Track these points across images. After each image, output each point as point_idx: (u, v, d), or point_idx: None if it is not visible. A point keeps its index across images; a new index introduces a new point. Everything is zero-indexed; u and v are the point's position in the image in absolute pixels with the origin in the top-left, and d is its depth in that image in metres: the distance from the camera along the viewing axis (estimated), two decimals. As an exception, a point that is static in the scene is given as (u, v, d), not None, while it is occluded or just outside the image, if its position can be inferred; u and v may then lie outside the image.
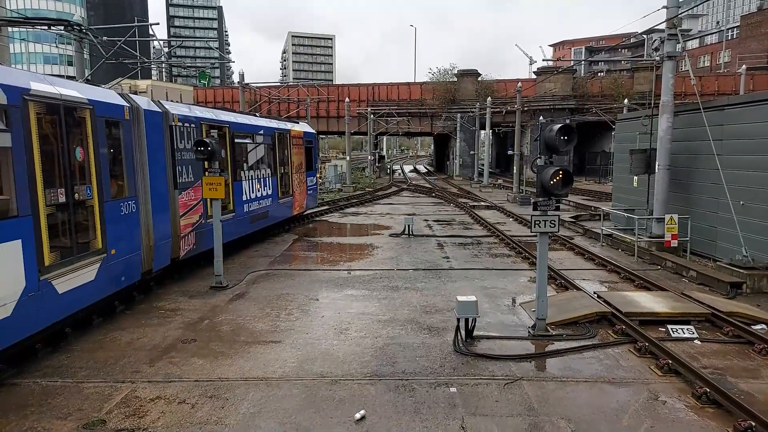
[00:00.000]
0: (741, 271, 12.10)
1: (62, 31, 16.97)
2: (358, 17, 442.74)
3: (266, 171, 17.97)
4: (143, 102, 11.47)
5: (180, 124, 12.70)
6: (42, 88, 8.07)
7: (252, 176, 16.73)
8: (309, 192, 23.20)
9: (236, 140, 15.72)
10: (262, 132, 17.79)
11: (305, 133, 22.84)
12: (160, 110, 11.98)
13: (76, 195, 8.71)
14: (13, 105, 7.32)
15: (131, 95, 11.49)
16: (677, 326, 9.12)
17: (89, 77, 16.67)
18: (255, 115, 19.61)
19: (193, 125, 13.31)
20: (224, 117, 15.43)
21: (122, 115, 10.34)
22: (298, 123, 23.76)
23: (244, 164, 16.34)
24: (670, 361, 7.55)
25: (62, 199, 8.32)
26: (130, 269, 10.34)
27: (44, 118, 8.14)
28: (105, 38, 18.01)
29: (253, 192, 16.71)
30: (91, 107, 9.20)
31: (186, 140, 12.82)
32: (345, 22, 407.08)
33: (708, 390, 6.64)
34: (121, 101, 10.50)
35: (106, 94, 10.14)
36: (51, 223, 8.02)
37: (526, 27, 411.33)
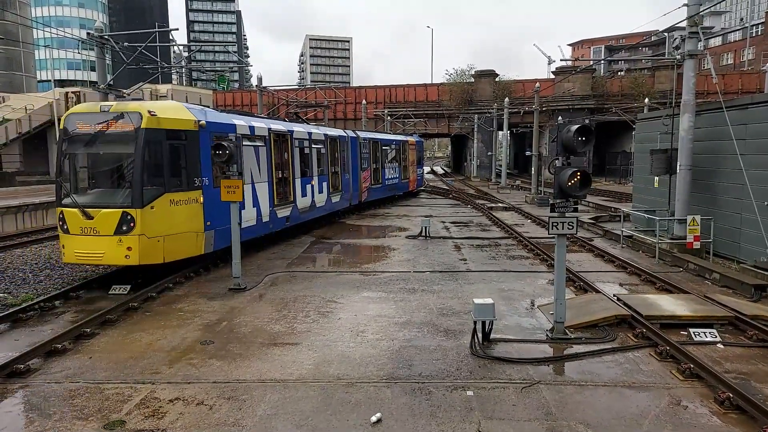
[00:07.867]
0: (765, 273, 11.83)
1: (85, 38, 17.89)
2: (368, 13, 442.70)
3: (395, 164, 33.04)
4: (350, 132, 25.78)
5: (363, 141, 26.98)
6: (332, 133, 23.55)
7: (389, 166, 31.76)
8: (418, 178, 38.79)
9: (383, 147, 30.59)
10: (393, 143, 32.84)
11: (416, 141, 38.42)
12: (355, 135, 26.17)
13: (334, 170, 22.64)
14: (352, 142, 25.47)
15: (346, 130, 25.86)
16: (699, 330, 8.95)
17: (111, 82, 17.00)
18: (390, 133, 40.38)
19: (366, 141, 27.55)
20: (378, 135, 31.20)
21: (346, 140, 24.61)
22: (412, 135, 39.79)
23: (385, 160, 31.08)
24: (692, 366, 7.40)
25: (334, 170, 22.67)
26: (346, 201, 24.46)
27: (334, 145, 23.31)
28: (126, 44, 18.25)
29: (389, 174, 31.65)
30: (341, 138, 23.95)
31: (364, 149, 27.16)
32: (355, 18, 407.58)
33: (731, 395, 6.50)
34: (345, 134, 24.67)
35: (342, 132, 24.63)
36: (333, 180, 22.52)
37: (538, 21, 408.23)
